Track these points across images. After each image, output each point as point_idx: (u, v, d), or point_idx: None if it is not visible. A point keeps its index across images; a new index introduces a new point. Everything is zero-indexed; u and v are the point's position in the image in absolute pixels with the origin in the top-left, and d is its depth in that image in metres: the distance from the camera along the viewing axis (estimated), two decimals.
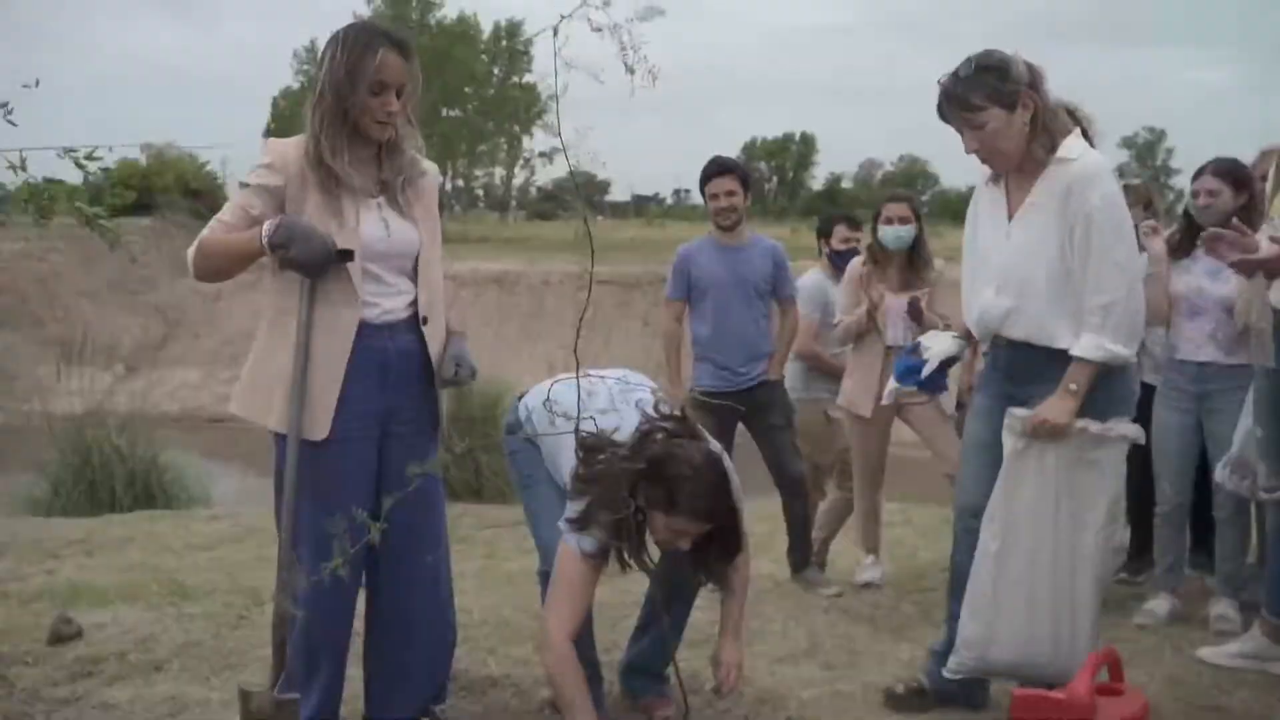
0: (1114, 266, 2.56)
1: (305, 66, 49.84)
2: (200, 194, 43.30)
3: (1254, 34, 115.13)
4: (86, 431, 7.97)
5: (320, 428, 2.44)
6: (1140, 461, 3.97)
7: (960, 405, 4.03)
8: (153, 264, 33.41)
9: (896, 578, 4.37)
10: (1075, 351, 2.60)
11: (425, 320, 2.55)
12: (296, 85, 48.81)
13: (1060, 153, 2.59)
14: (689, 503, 2.43)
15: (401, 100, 2.43)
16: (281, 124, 49.68)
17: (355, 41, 2.39)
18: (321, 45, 2.56)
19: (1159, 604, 3.75)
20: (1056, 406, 2.59)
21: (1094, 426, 2.61)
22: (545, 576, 2.74)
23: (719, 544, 2.55)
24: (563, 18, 1.78)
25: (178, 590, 4.18)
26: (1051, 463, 2.62)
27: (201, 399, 26.04)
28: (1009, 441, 2.66)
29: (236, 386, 2.56)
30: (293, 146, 2.46)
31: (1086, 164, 2.59)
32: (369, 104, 2.38)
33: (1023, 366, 2.72)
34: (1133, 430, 2.68)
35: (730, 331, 4.18)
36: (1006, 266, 2.70)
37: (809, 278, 4.69)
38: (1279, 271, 2.85)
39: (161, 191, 40.50)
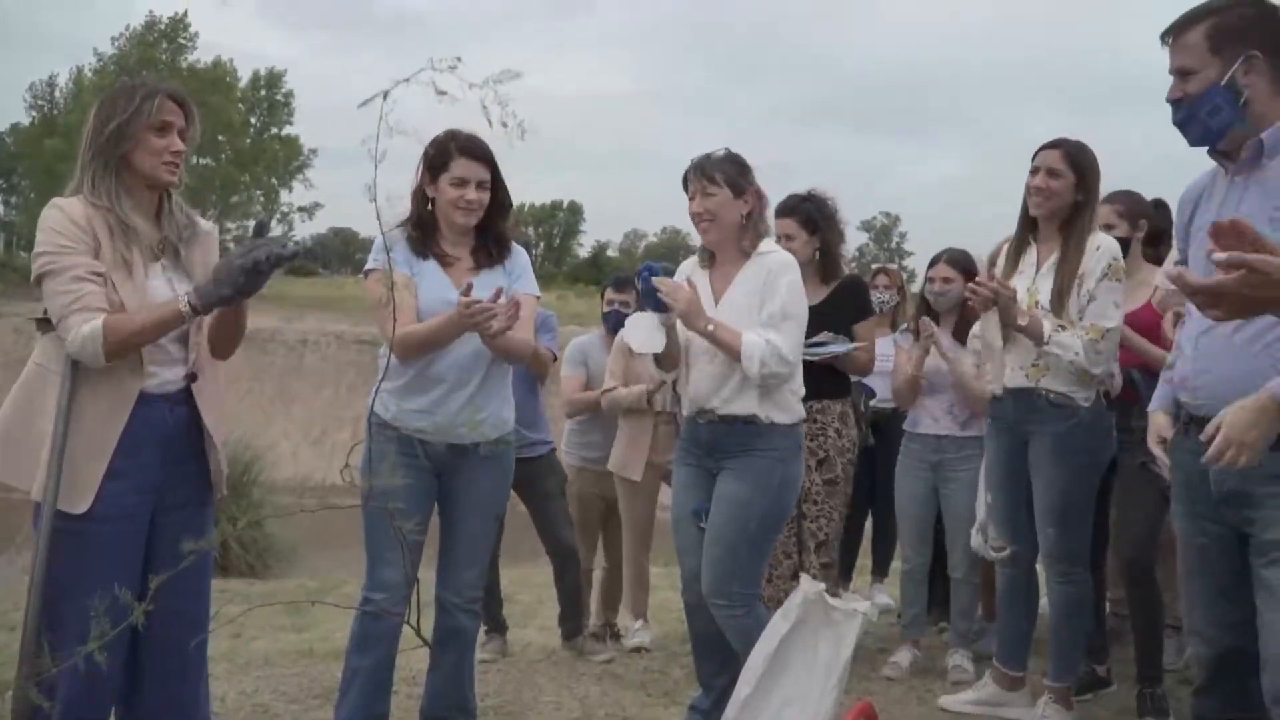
0: (791, 320, 3.00)
1: (41, 102, 46.01)
2: None
3: (979, 134, 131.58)
4: None
5: (83, 499, 2.26)
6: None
7: None
8: None
9: (665, 641, 4.45)
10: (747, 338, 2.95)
11: (194, 377, 2.43)
12: (29, 121, 44.93)
13: (760, 249, 3.10)
14: (462, 144, 2.90)
15: (184, 146, 2.38)
16: (9, 162, 45.51)
17: (136, 91, 2.35)
18: (63, 81, 2.46)
19: (902, 655, 4.03)
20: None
21: (839, 603, 2.84)
22: (361, 638, 2.86)
23: (496, 202, 2.99)
24: (397, 82, 1.76)
25: None
26: (813, 628, 2.80)
27: None
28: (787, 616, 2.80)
29: None
30: (74, 206, 2.32)
31: (781, 256, 3.10)
32: (154, 144, 2.33)
33: (723, 438, 3.05)
34: (865, 606, 2.92)
35: None
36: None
37: (573, 342, 4.74)
38: (1008, 311, 3.20)
39: None
